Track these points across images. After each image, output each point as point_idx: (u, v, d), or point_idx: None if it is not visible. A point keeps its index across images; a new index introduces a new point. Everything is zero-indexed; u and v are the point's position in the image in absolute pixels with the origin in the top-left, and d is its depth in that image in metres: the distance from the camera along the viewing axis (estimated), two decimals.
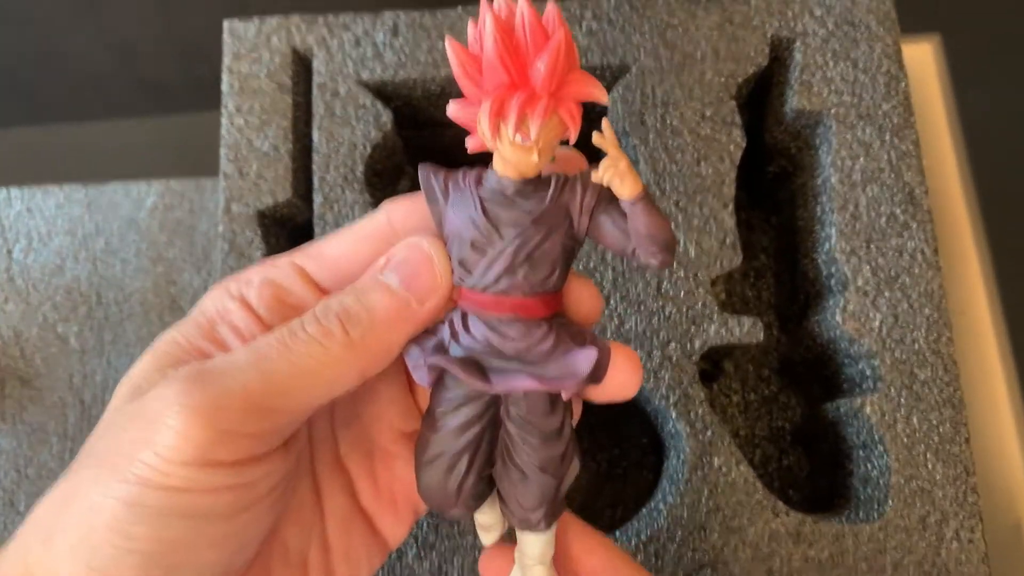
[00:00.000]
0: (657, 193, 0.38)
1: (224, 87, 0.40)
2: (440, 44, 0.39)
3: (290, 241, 0.42)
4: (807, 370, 0.43)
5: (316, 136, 0.39)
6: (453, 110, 0.21)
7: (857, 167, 0.38)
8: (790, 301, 0.45)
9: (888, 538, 0.34)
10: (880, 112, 0.39)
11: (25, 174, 0.51)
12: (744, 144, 0.39)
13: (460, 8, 0.40)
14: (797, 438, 0.43)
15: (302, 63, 0.41)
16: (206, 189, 0.48)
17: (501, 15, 0.19)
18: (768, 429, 0.44)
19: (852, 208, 0.38)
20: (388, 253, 0.22)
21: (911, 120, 0.39)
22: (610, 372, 0.22)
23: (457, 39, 0.20)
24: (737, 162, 0.39)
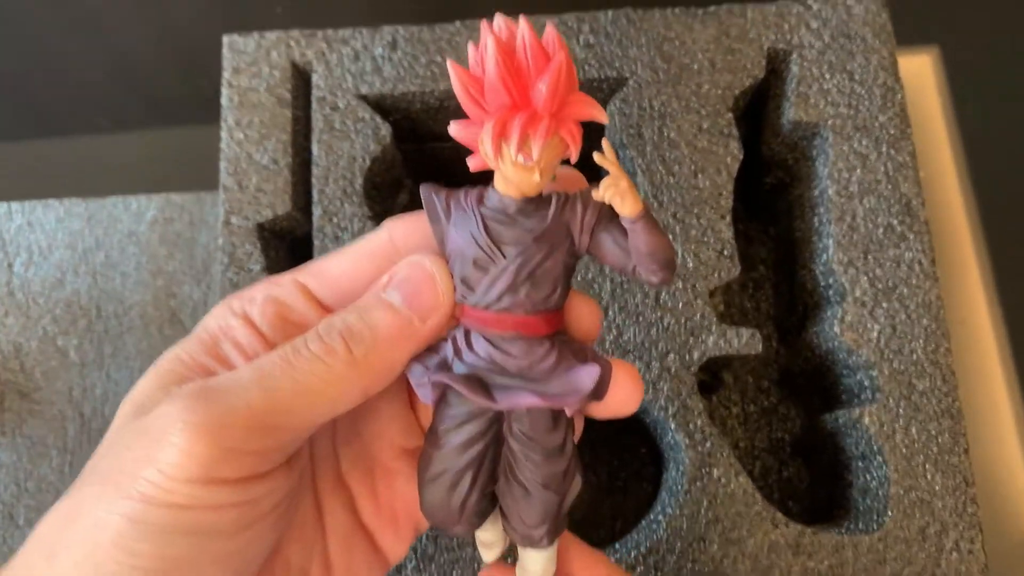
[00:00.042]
0: (655, 205, 0.38)
1: (224, 101, 0.41)
2: (438, 58, 0.40)
3: (289, 254, 0.42)
4: (806, 381, 0.43)
5: (315, 149, 0.40)
6: (456, 130, 0.21)
7: (854, 178, 0.38)
8: (788, 312, 0.45)
9: (887, 549, 0.35)
10: (877, 124, 0.39)
11: (26, 188, 0.51)
12: (741, 156, 0.39)
13: (458, 23, 0.40)
14: (796, 449, 0.43)
15: (301, 77, 0.41)
16: (206, 202, 0.49)
17: (502, 37, 0.19)
18: (767, 440, 0.44)
19: (849, 219, 0.38)
20: (390, 271, 0.22)
21: (908, 131, 0.39)
22: (612, 388, 0.22)
23: (455, 53, 0.20)
24: (734, 174, 0.39)
